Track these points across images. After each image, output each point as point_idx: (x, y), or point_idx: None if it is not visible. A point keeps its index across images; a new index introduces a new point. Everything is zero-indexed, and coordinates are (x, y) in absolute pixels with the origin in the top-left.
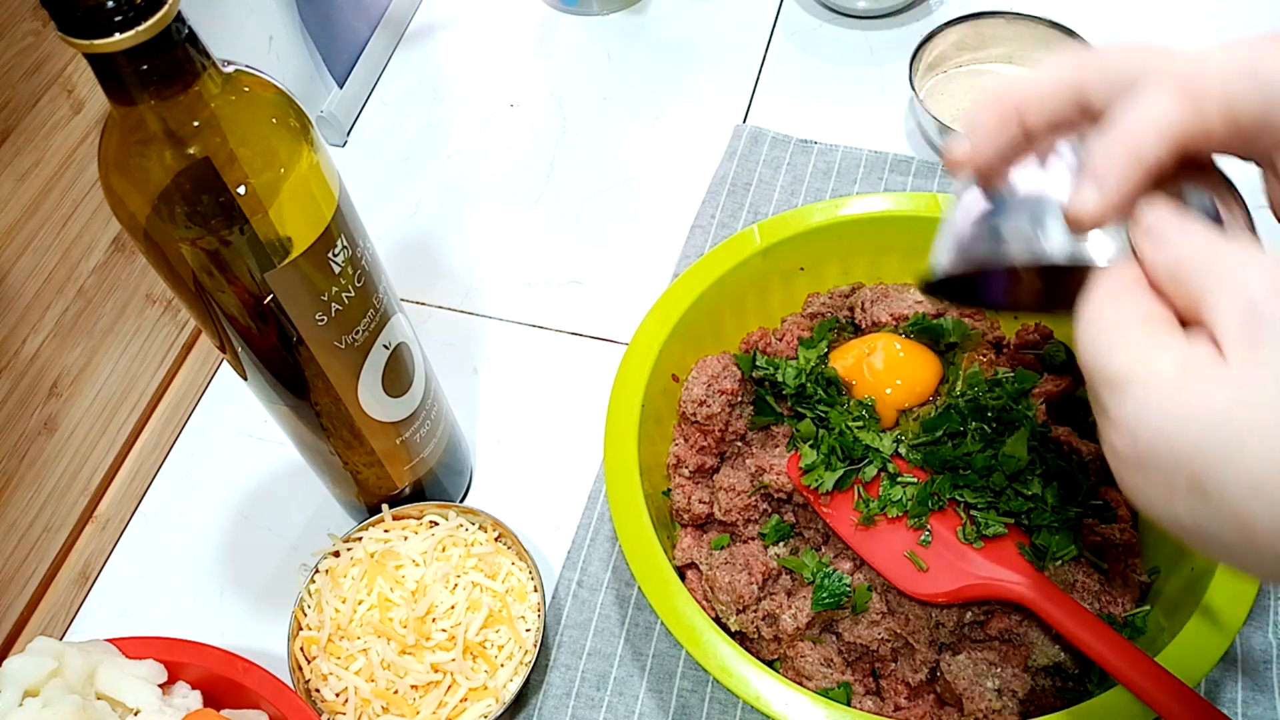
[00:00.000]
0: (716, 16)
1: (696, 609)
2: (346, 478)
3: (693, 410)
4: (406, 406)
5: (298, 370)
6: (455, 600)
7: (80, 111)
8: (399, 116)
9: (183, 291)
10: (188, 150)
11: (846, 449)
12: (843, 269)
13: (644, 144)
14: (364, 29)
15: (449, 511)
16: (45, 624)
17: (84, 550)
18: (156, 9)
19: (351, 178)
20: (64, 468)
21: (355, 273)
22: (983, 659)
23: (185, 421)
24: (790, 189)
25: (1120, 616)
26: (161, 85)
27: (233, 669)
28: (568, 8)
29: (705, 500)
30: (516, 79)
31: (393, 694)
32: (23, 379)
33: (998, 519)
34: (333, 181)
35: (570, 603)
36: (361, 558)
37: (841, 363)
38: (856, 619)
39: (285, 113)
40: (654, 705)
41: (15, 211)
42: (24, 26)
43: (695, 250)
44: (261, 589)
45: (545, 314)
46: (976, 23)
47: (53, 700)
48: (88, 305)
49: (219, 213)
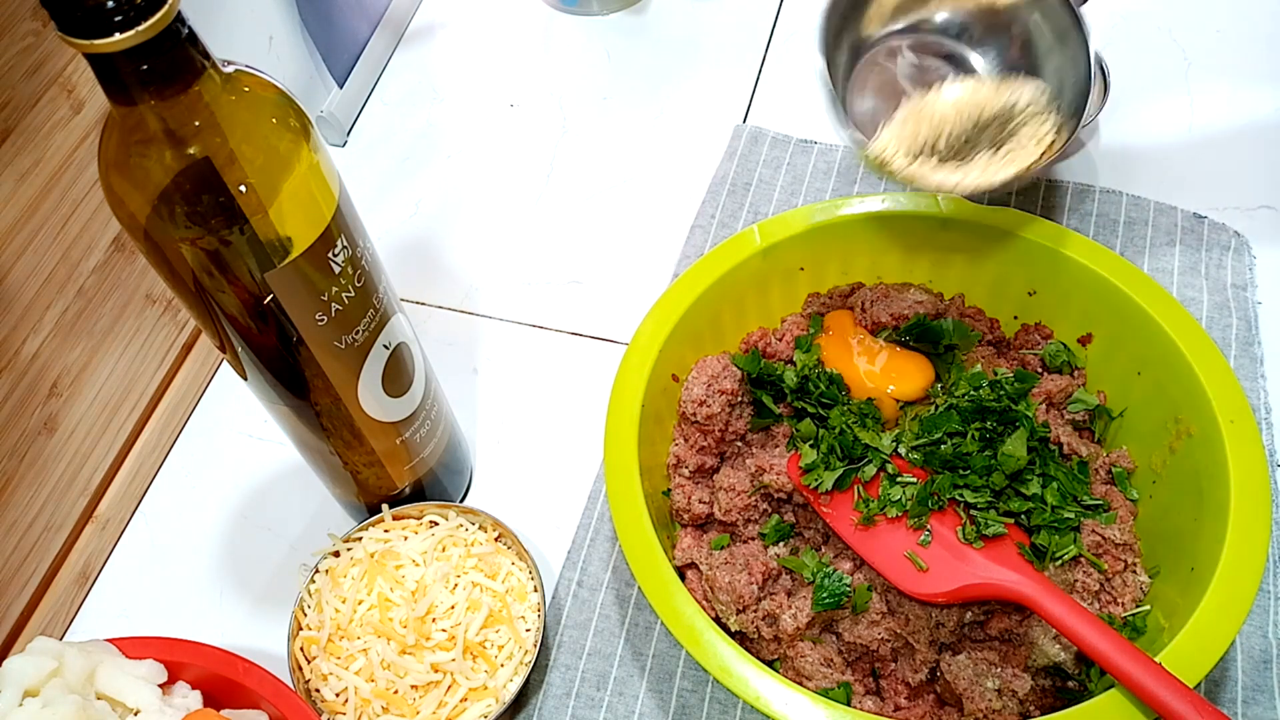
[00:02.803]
0: (716, 16)
1: (696, 609)
2: (346, 478)
3: (693, 410)
4: (406, 406)
5: (298, 370)
6: (455, 600)
7: (80, 111)
8: (399, 116)
9: (183, 291)
10: (188, 150)
11: (846, 448)
12: (843, 269)
13: (644, 144)
14: (364, 29)
15: (449, 511)
16: (45, 624)
17: (84, 550)
18: (156, 9)
19: (351, 178)
20: (64, 468)
21: (355, 273)
22: (983, 659)
23: (185, 421)
24: (790, 189)
25: (1120, 616)
26: (161, 85)
27: (233, 669)
28: (568, 8)
29: (705, 500)
30: (516, 79)
31: (393, 694)
32: (23, 379)
33: (998, 519)
34: (333, 181)
35: (570, 603)
36: (361, 558)
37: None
38: (856, 619)
39: (285, 113)
40: (654, 705)
41: (15, 211)
42: (24, 26)
43: (695, 250)
44: (261, 589)
45: (545, 314)
46: None
47: (53, 700)
48: (88, 305)
49: (219, 213)
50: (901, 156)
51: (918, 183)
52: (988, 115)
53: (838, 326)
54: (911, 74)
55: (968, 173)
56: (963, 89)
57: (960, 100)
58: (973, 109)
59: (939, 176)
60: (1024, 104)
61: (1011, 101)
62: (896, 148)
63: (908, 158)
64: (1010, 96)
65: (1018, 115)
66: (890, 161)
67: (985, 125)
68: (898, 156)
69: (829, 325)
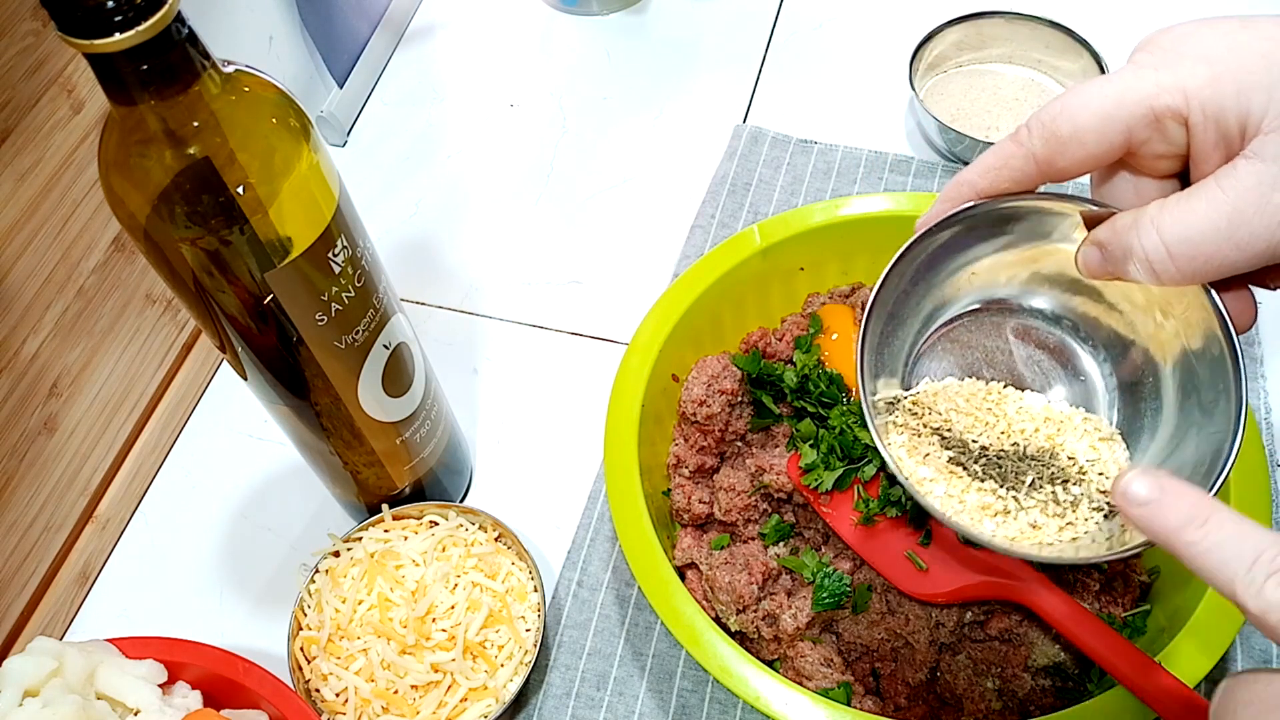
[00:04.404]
0: (716, 16)
1: (696, 609)
2: (346, 478)
3: (693, 410)
4: (406, 406)
5: (298, 370)
6: (455, 600)
7: (80, 111)
8: (399, 116)
9: (183, 291)
10: (188, 150)
11: (846, 448)
12: (843, 269)
13: (644, 144)
14: (364, 29)
15: (449, 511)
16: (45, 624)
17: (84, 550)
18: (156, 9)
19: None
20: (64, 468)
21: (355, 273)
22: (983, 659)
23: (185, 421)
24: (790, 189)
25: (1120, 616)
26: (161, 85)
27: (233, 669)
28: (568, 8)
29: (705, 500)
30: (516, 79)
31: (393, 694)
32: (23, 379)
33: None
34: (333, 181)
35: (570, 603)
36: (361, 558)
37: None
38: (856, 619)
39: (285, 113)
40: (654, 705)
41: (15, 211)
42: (24, 26)
43: (695, 250)
44: (261, 589)
45: (545, 314)
46: (976, 23)
47: (53, 700)
48: (88, 305)
49: (219, 213)
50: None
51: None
52: (1035, 451)
53: (837, 323)
54: (1015, 362)
55: (1007, 528)
56: (1042, 405)
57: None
58: (1027, 437)
59: (967, 518)
60: (1091, 466)
61: (1081, 457)
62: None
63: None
64: (1083, 447)
65: (1077, 474)
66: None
67: (1036, 458)
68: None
69: (827, 321)
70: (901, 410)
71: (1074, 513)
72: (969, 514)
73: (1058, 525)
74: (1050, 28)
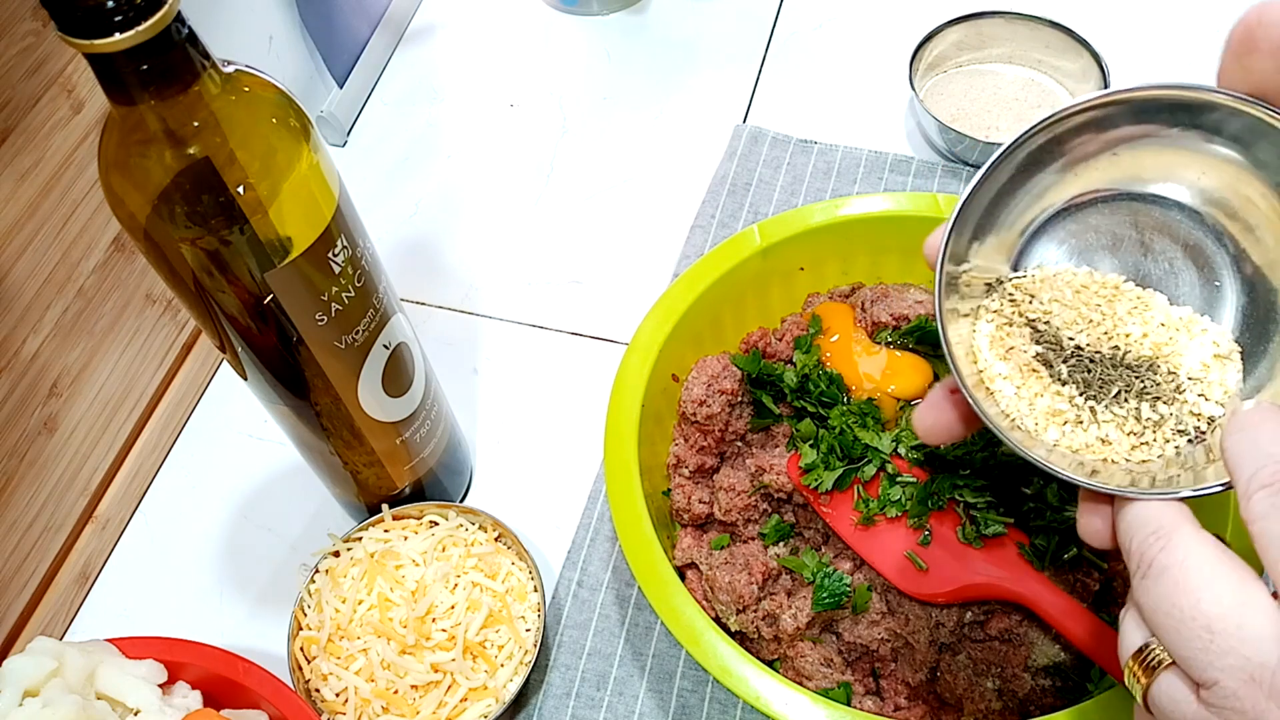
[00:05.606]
0: (716, 16)
1: (696, 609)
2: (346, 478)
3: (693, 410)
4: (406, 406)
5: (298, 370)
6: (455, 600)
7: (80, 111)
8: (399, 116)
9: (183, 291)
10: (188, 150)
11: (846, 448)
12: (843, 269)
13: (644, 144)
14: (364, 29)
15: (449, 511)
16: (45, 624)
17: (84, 550)
18: (156, 9)
19: (351, 178)
20: (64, 468)
21: (355, 273)
22: (983, 659)
23: (185, 421)
24: (790, 189)
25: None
26: (161, 85)
27: (233, 669)
28: (568, 8)
29: (705, 500)
30: (516, 79)
31: (393, 694)
32: (23, 379)
33: (998, 519)
34: (333, 181)
35: (570, 603)
36: (361, 558)
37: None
38: (856, 619)
39: (285, 113)
40: (654, 705)
41: (15, 211)
42: (24, 26)
43: (695, 250)
44: (261, 589)
45: (545, 314)
46: (976, 22)
47: (53, 700)
48: (88, 305)
49: (219, 213)
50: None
51: (986, 413)
52: (1134, 359)
53: (837, 322)
54: (1143, 254)
55: (1075, 438)
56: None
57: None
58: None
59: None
60: (1192, 385)
61: (1182, 372)
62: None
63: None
64: (1194, 361)
65: (1173, 392)
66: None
67: (1132, 367)
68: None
69: (827, 320)
70: (1001, 295)
71: (1154, 433)
72: (1035, 418)
73: (1131, 444)
74: (1050, 28)
